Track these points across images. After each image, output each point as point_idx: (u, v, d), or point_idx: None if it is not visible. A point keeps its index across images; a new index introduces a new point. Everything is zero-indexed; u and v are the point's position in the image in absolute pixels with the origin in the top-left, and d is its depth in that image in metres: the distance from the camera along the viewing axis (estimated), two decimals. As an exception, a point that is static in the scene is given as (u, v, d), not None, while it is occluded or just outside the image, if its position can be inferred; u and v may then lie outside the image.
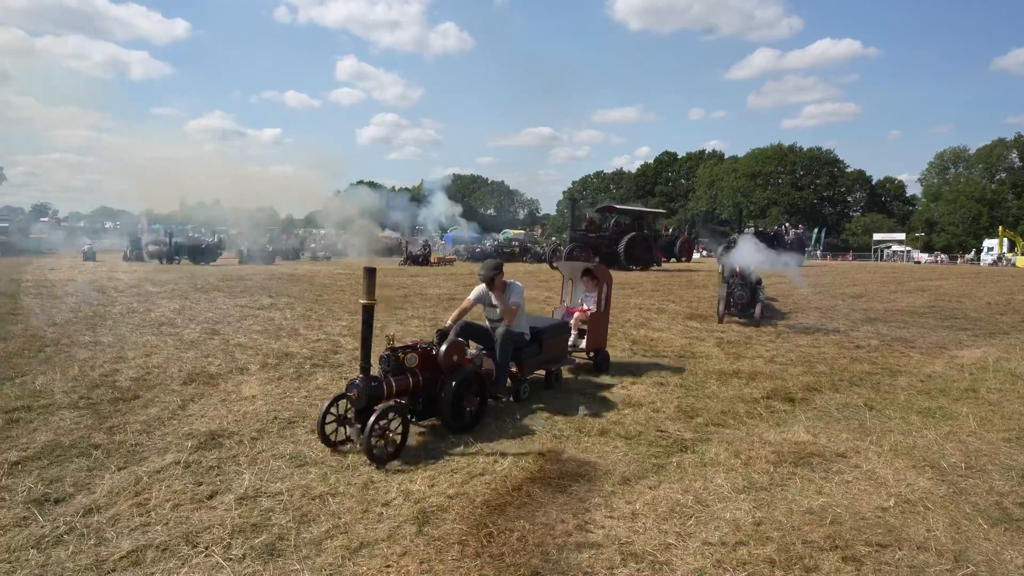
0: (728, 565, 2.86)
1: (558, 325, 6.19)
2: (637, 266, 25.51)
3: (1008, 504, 3.55)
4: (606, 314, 6.92)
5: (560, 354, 6.12)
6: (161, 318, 9.75)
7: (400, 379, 4.45)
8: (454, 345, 4.71)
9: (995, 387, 6.30)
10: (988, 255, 54.09)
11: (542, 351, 5.75)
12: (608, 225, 28.27)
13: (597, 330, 6.74)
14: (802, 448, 4.41)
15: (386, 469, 3.92)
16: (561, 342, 6.15)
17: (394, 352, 4.48)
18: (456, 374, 4.60)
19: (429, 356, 4.67)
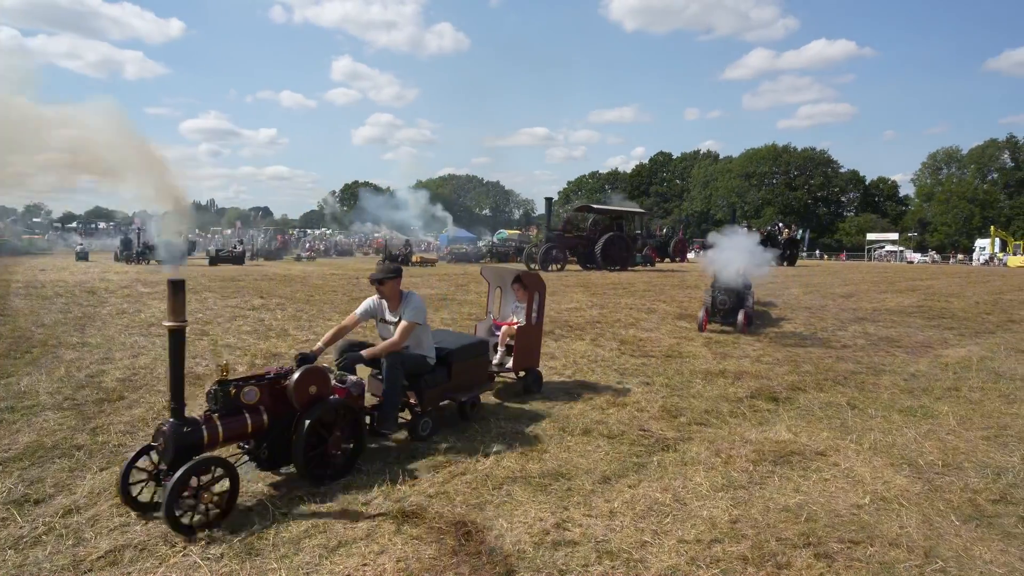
0: (701, 562, 2.90)
1: (473, 345, 5.17)
2: (615, 266, 25.47)
3: (981, 501, 3.60)
4: (538, 328, 5.99)
5: (477, 379, 5.15)
6: (151, 319, 9.74)
7: (233, 420, 3.49)
8: (309, 374, 3.72)
9: (977, 386, 6.36)
10: (980, 255, 54.38)
11: (451, 377, 4.85)
12: (586, 225, 28.13)
13: (526, 346, 5.78)
14: (783, 447, 4.45)
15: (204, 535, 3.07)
16: (477, 365, 5.18)
17: (224, 387, 3.51)
18: (313, 410, 3.67)
19: (278, 389, 3.72)
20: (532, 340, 5.90)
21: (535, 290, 5.83)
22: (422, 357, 4.70)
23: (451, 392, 4.88)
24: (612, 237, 25.39)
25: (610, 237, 25.31)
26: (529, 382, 5.85)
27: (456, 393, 4.91)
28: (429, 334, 4.87)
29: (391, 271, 4.70)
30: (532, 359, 5.92)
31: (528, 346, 5.82)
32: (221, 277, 18.48)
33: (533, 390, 5.81)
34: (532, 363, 5.92)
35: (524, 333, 5.78)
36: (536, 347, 5.99)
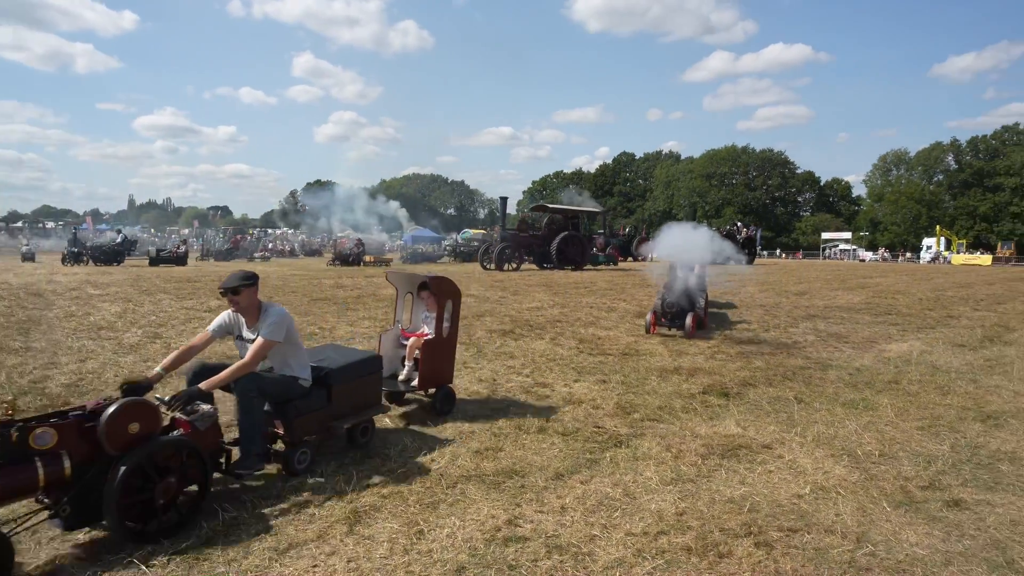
0: (647, 554, 2.99)
1: (361, 362, 4.47)
2: (570, 266, 25.71)
3: (912, 488, 3.80)
4: (451, 340, 5.31)
5: (367, 400, 4.50)
6: (101, 322, 9.45)
7: (14, 472, 2.78)
8: (128, 409, 3.06)
9: (916, 379, 6.67)
10: (926, 253, 56.71)
11: (331, 400, 4.19)
12: (541, 224, 28.23)
13: (434, 361, 5.13)
14: (731, 441, 4.60)
15: None
16: (367, 385, 4.51)
17: (4, 429, 2.80)
18: (134, 453, 3.01)
19: (87, 429, 3.03)
20: (442, 354, 5.24)
21: (446, 297, 5.23)
22: (290, 379, 4.03)
23: (333, 418, 4.20)
24: (568, 236, 25.54)
25: (565, 236, 25.46)
26: (438, 401, 5.19)
27: (340, 419, 4.23)
28: (300, 352, 4.14)
29: (244, 278, 3.98)
30: (442, 375, 5.26)
31: (437, 361, 5.17)
32: (177, 278, 18.00)
33: (443, 411, 5.16)
34: (442, 380, 5.26)
35: (432, 347, 5.12)
36: (448, 362, 5.33)
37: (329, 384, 4.20)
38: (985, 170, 68.34)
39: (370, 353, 4.74)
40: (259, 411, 3.78)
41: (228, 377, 3.74)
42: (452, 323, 5.33)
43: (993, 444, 4.63)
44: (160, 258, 26.39)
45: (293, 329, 4.06)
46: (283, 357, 4.06)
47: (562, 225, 26.78)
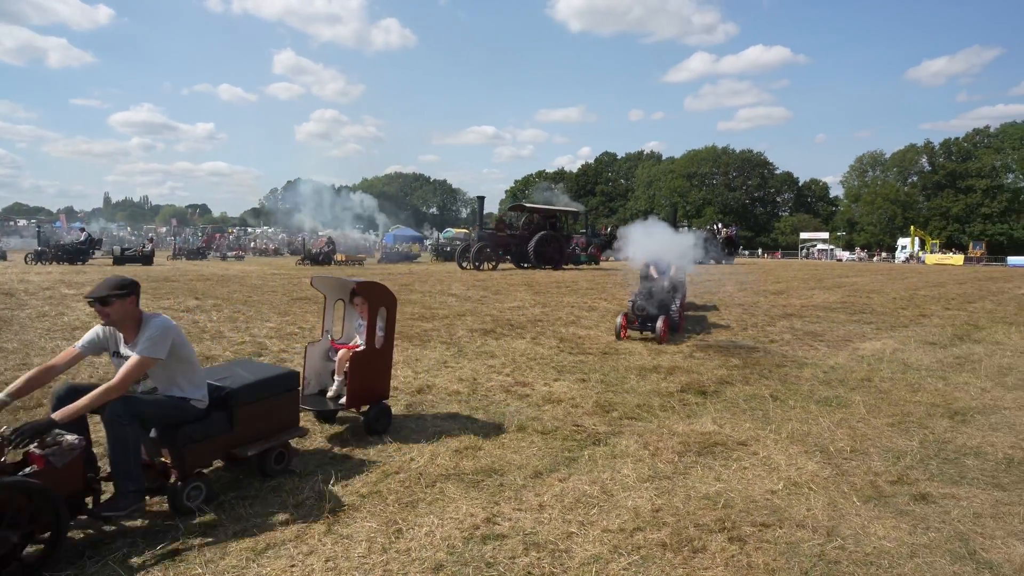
0: (623, 550, 3.03)
1: (272, 379, 3.93)
2: (548, 265, 25.79)
3: (881, 483, 3.89)
4: (385, 352, 4.79)
5: (281, 422, 3.95)
6: (75, 322, 9.29)
7: None
8: None
9: (888, 376, 6.82)
10: (901, 253, 57.83)
11: (235, 424, 3.65)
12: (519, 224, 28.17)
13: (365, 376, 4.60)
14: (707, 438, 4.68)
15: None
16: (281, 405, 3.96)
17: None
18: None
19: None
20: (374, 367, 4.70)
21: (379, 304, 4.71)
22: (179, 401, 3.47)
23: (236, 444, 3.66)
24: (545, 236, 25.60)
25: (543, 236, 25.51)
26: (371, 420, 4.64)
27: (246, 445, 3.69)
28: (192, 369, 3.57)
29: (116, 287, 3.42)
30: (374, 391, 4.72)
31: (368, 375, 4.64)
32: (154, 278, 17.74)
33: (377, 430, 4.63)
34: (375, 396, 4.72)
35: (362, 359, 4.60)
36: (382, 376, 4.79)
37: (231, 405, 3.66)
38: (957, 172, 69.85)
39: (284, 369, 4.17)
40: (133, 440, 3.21)
41: (91, 403, 3.16)
42: (387, 332, 4.82)
43: (960, 440, 4.76)
44: (124, 257, 25.68)
45: (182, 342, 3.51)
46: (169, 376, 3.51)
47: (540, 225, 26.83)
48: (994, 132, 71.55)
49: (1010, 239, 64.43)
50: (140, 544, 2.99)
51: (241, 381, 3.82)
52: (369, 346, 4.67)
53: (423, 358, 7.26)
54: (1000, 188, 67.55)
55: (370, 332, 4.65)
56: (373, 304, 4.66)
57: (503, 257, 25.85)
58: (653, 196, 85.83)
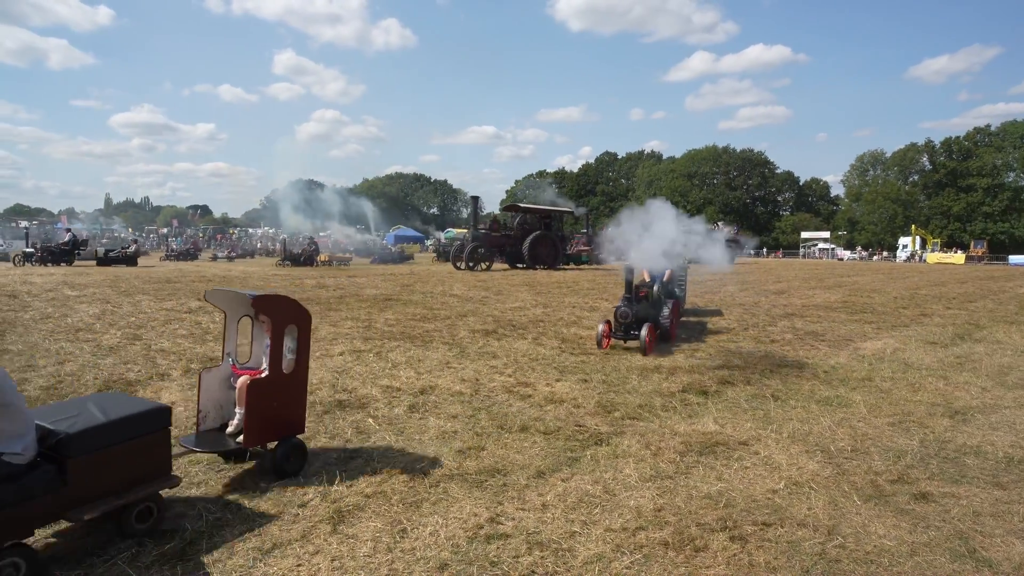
0: (626, 549, 3.06)
1: (128, 419, 3.16)
2: (542, 266, 25.77)
3: (881, 482, 3.92)
4: (297, 378, 3.99)
5: (143, 472, 3.19)
6: (79, 323, 9.34)
7: None
8: None
9: (888, 376, 6.85)
10: (902, 252, 57.81)
11: (68, 479, 2.90)
12: (513, 224, 28.09)
13: (269, 406, 3.83)
14: (709, 438, 4.70)
15: None
16: (141, 450, 3.19)
17: None
18: None
19: None
20: (280, 397, 3.90)
21: (286, 321, 3.91)
22: None
23: (70, 504, 2.90)
24: (539, 236, 25.59)
25: (537, 236, 25.51)
26: (279, 460, 3.86)
27: (84, 505, 2.93)
28: (12, 414, 2.80)
29: None
30: (281, 425, 3.94)
31: (271, 407, 3.85)
32: (156, 279, 17.79)
33: (287, 471, 3.87)
34: (283, 431, 3.94)
35: (262, 387, 3.81)
36: (292, 407, 3.99)
37: (64, 456, 2.90)
38: (958, 171, 69.77)
39: (152, 405, 3.35)
40: None
41: None
42: (300, 355, 4.01)
43: (960, 439, 4.78)
44: (108, 258, 25.47)
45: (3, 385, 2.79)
46: None
47: (534, 225, 26.82)
48: (995, 131, 71.47)
49: (1011, 238, 64.39)
50: (148, 544, 3.03)
51: (85, 423, 3.04)
52: (274, 371, 3.89)
53: (425, 359, 7.29)
54: (1001, 187, 67.47)
55: (274, 355, 3.88)
56: (279, 322, 3.88)
57: (497, 257, 25.84)
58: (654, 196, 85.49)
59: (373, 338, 8.54)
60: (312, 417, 5.02)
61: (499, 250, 25.76)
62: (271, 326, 3.91)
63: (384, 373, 6.58)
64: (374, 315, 10.76)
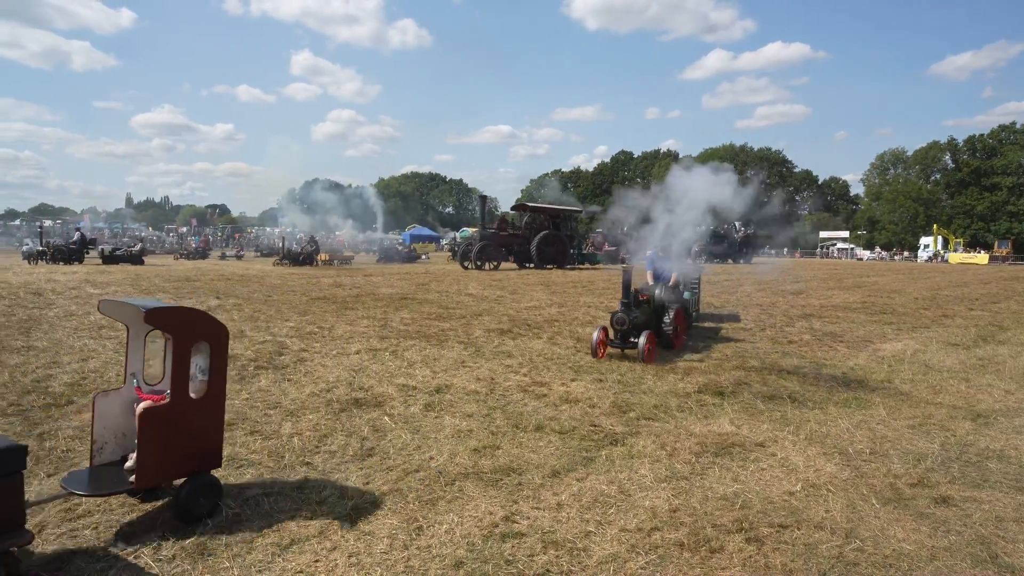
0: (641, 549, 3.06)
1: None
2: (552, 265, 25.69)
3: (901, 485, 3.88)
4: (210, 404, 3.43)
5: None
6: (101, 321, 9.49)
7: None
8: None
9: (908, 378, 6.76)
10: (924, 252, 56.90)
11: None
12: (521, 223, 27.90)
13: (167, 437, 3.25)
14: (725, 439, 4.68)
15: None
16: None
17: None
18: None
19: None
20: (185, 427, 3.31)
21: (193, 338, 3.33)
22: None
23: None
24: (547, 236, 25.50)
25: (545, 236, 25.43)
26: (183, 501, 3.24)
27: None
28: None
29: None
30: (188, 460, 3.35)
31: (173, 438, 3.27)
32: (176, 277, 18.04)
33: (195, 514, 3.25)
34: (192, 466, 3.36)
35: (161, 415, 3.24)
36: (203, 438, 3.40)
37: None
38: (982, 169, 68.51)
39: (3, 443, 2.75)
40: None
41: None
42: (214, 377, 3.43)
43: (982, 442, 4.71)
44: (113, 256, 25.88)
45: None
46: None
47: (543, 224, 26.75)
48: (1020, 128, 70.02)
49: (1037, 237, 63.13)
50: (170, 538, 3.08)
51: None
52: (177, 396, 3.30)
53: (441, 358, 7.33)
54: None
55: (177, 377, 3.28)
56: (182, 339, 3.27)
57: (506, 257, 25.76)
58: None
59: (389, 337, 8.60)
60: (329, 415, 5.08)
61: (507, 250, 25.71)
62: (173, 343, 3.31)
63: (400, 372, 6.62)
64: (390, 314, 10.82)
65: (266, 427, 4.78)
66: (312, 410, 5.22)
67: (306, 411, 5.19)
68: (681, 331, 8.32)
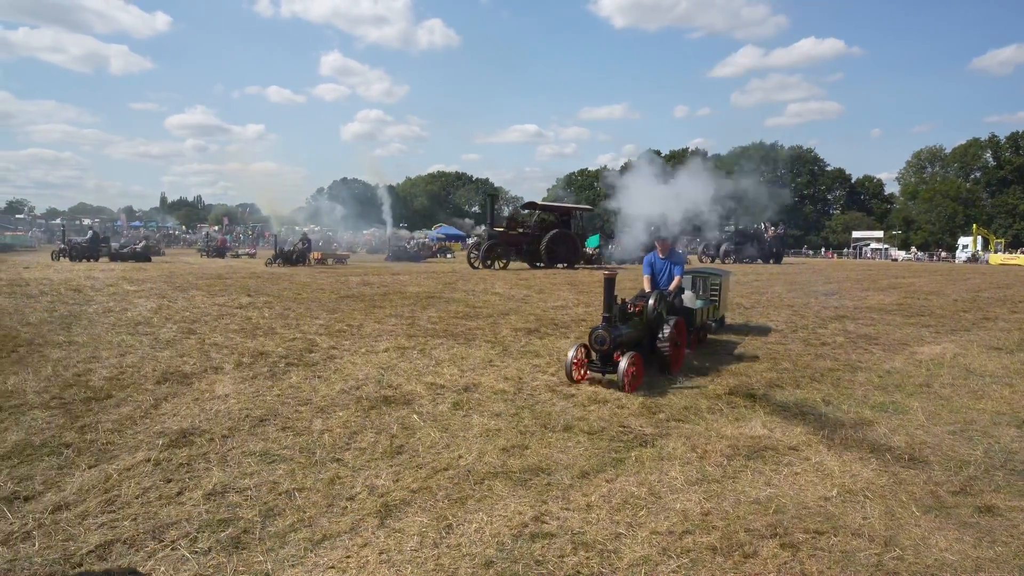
0: (672, 553, 3.02)
1: None
2: (561, 264, 25.46)
3: (942, 493, 3.76)
4: None
5: None
6: (138, 317, 9.74)
7: None
8: None
9: (948, 382, 6.55)
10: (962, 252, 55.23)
11: None
12: (531, 222, 27.57)
13: None
14: (757, 442, 4.59)
15: None
16: None
17: None
18: None
19: None
20: None
21: None
22: None
23: None
24: (557, 235, 25.25)
25: (555, 235, 25.18)
26: None
27: None
28: None
29: None
30: None
31: None
32: (208, 275, 18.42)
33: None
34: None
35: None
36: None
37: None
38: (1025, 167, 66.27)
39: None
40: None
41: None
42: None
43: (1028, 450, 4.54)
44: (120, 254, 26.92)
45: None
46: None
47: (552, 223, 26.52)
48: (1066, 125, 67.57)
49: (1083, 238, 60.83)
50: (205, 531, 3.14)
51: None
52: None
53: (468, 356, 7.34)
54: (1072, 184, 63.79)
55: None
56: None
57: (515, 256, 25.55)
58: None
59: (417, 335, 8.65)
60: (359, 412, 5.13)
61: (516, 249, 25.50)
62: None
63: (428, 370, 6.65)
64: (417, 312, 10.89)
65: (297, 423, 4.84)
66: (342, 407, 5.28)
67: (336, 408, 5.25)
68: (683, 348, 7.04)
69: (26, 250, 37.35)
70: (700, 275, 9.41)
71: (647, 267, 7.98)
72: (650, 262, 8.01)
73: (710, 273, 9.47)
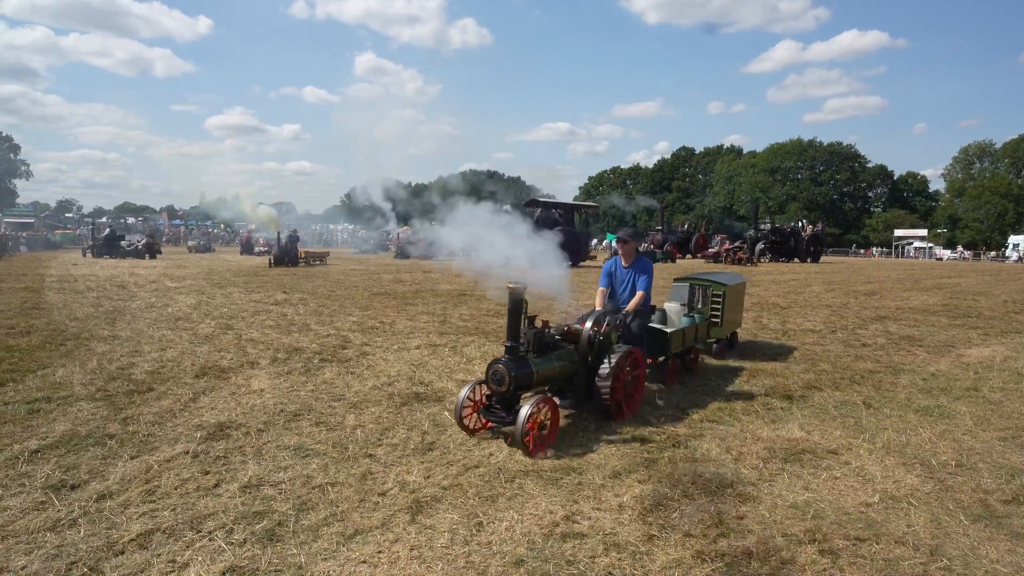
0: (707, 556, 2.96)
1: None
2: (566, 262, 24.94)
3: (992, 501, 3.60)
4: None
5: None
6: (178, 313, 10.02)
7: None
8: None
9: (998, 386, 6.29)
10: (1013, 252, 53.04)
11: None
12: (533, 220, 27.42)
13: None
14: (794, 445, 4.48)
15: None
16: None
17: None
18: None
19: None
20: None
21: None
22: None
23: None
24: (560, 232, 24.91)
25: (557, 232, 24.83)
26: None
27: None
28: None
29: None
30: None
31: None
32: (245, 272, 18.84)
33: None
34: None
35: None
36: None
37: None
38: (1081, 162, 63.24)
39: None
40: None
41: None
42: None
43: (1085, 458, 4.32)
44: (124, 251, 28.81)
45: None
46: None
47: (555, 221, 26.23)
48: None
49: None
50: (241, 523, 3.20)
51: None
52: None
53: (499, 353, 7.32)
54: None
55: None
56: None
57: None
58: (733, 191, 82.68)
59: (448, 332, 8.69)
60: (391, 408, 5.17)
61: None
62: None
63: (459, 367, 6.68)
64: (448, 310, 10.95)
65: (330, 418, 4.90)
66: (374, 403, 5.33)
67: (369, 404, 5.30)
68: (637, 390, 5.19)
69: (75, 247, 38.85)
70: (699, 283, 7.59)
71: (604, 277, 6.34)
72: (609, 271, 6.29)
73: (711, 281, 7.55)
